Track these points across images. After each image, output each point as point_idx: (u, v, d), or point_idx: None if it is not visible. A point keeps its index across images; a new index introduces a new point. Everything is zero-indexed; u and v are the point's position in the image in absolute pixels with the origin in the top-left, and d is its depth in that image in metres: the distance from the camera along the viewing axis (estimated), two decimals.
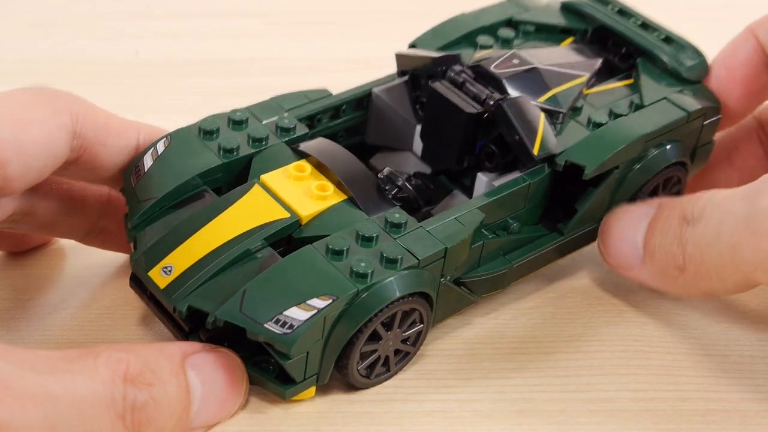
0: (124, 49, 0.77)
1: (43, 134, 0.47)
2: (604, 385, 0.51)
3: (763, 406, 0.50)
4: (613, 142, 0.53)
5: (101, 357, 0.42)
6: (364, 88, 0.57)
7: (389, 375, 0.50)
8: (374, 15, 0.84)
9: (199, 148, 0.51)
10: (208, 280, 0.46)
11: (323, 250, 0.46)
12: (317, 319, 0.44)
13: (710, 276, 0.49)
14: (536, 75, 0.55)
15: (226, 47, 0.78)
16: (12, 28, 0.79)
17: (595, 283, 0.57)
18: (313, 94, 0.56)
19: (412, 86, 0.57)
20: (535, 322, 0.55)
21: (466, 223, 0.49)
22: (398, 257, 0.46)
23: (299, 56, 0.78)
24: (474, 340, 0.53)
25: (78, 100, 0.50)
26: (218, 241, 0.47)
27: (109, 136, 0.50)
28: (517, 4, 0.63)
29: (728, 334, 0.55)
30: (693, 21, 0.60)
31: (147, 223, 0.49)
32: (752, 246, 0.47)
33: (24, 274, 0.56)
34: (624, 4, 0.62)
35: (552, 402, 0.50)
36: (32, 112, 0.47)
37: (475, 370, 0.52)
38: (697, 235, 0.49)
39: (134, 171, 0.51)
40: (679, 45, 0.59)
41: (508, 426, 0.49)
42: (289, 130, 0.53)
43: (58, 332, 0.52)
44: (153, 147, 0.51)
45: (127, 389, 0.41)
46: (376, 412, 0.49)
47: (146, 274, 0.47)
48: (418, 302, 0.48)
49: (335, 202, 0.49)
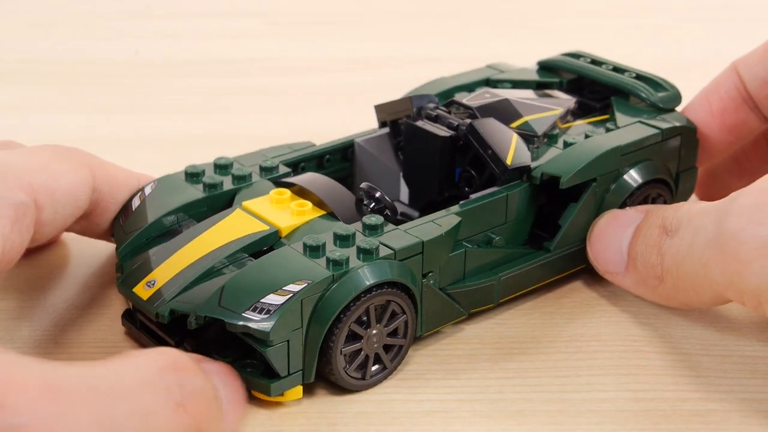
0: (124, 49, 0.77)
1: (69, 184, 0.49)
2: (604, 385, 0.51)
3: (763, 406, 0.50)
4: (588, 153, 0.55)
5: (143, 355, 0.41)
6: (346, 139, 0.59)
7: (387, 372, 0.50)
8: (374, 15, 0.84)
9: (183, 187, 0.54)
10: (189, 287, 0.47)
11: (300, 248, 0.48)
12: (293, 302, 0.45)
13: (687, 289, 0.50)
14: (508, 105, 0.57)
15: (226, 47, 0.78)
16: (12, 28, 0.79)
17: (595, 283, 0.57)
18: (297, 145, 0.58)
19: (393, 134, 0.59)
20: (535, 322, 0.55)
21: (443, 224, 0.50)
22: (374, 247, 0.47)
23: (299, 56, 0.78)
24: (474, 340, 0.53)
25: (91, 156, 0.53)
26: (199, 254, 0.49)
27: (118, 190, 0.53)
28: (495, 69, 0.66)
29: (728, 334, 0.55)
30: (693, 21, 0.60)
31: (133, 253, 0.51)
32: (721, 267, 0.47)
33: (23, 273, 0.56)
34: (595, 56, 0.65)
35: (552, 402, 0.50)
36: (59, 164, 0.50)
37: (475, 370, 0.52)
38: (674, 248, 0.50)
39: (123, 213, 0.53)
40: (651, 81, 0.61)
41: (508, 426, 0.49)
42: (272, 169, 0.55)
43: (59, 332, 0.52)
44: (141, 191, 0.54)
45: (181, 376, 0.40)
46: (376, 412, 0.49)
47: (131, 290, 0.48)
48: (394, 294, 0.48)
49: (314, 217, 0.51)
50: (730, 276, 0.46)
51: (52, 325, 0.53)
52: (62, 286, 0.55)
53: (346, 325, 0.47)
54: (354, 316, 0.47)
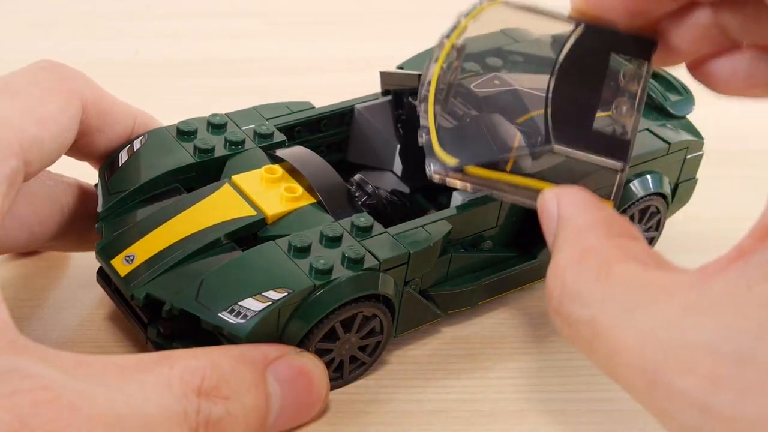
0: (124, 49, 0.77)
1: (58, 128, 0.47)
2: (604, 385, 0.51)
3: None
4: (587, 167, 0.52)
5: (176, 368, 0.40)
6: (347, 103, 0.57)
7: (342, 382, 0.50)
8: (374, 15, 0.84)
9: (174, 147, 0.52)
10: (168, 270, 0.46)
11: (285, 247, 0.46)
12: (271, 310, 0.44)
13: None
14: (516, 97, 0.54)
15: (226, 47, 0.78)
16: (12, 28, 0.79)
17: None
18: (294, 105, 0.57)
19: (395, 105, 0.58)
20: (535, 322, 0.55)
21: (433, 233, 0.49)
22: (360, 257, 0.46)
23: (299, 56, 0.78)
24: (474, 340, 0.53)
25: (87, 84, 0.50)
26: (182, 234, 0.47)
27: (107, 123, 0.50)
28: (509, 35, 0.63)
29: None
30: None
31: (115, 216, 0.49)
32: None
33: (23, 274, 0.56)
34: None
35: (552, 402, 0.50)
36: (49, 104, 0.47)
37: (475, 370, 0.52)
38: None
39: (109, 166, 0.51)
40: (667, 81, 0.59)
41: (508, 426, 0.49)
42: (266, 136, 0.53)
43: (59, 332, 0.52)
44: (130, 144, 0.52)
45: (201, 403, 0.40)
46: (376, 412, 0.49)
47: (108, 263, 0.47)
48: (377, 308, 0.48)
49: (303, 205, 0.50)
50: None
51: (52, 325, 0.53)
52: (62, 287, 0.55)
53: (321, 333, 0.46)
54: (330, 326, 0.46)
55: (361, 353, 0.49)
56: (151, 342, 0.48)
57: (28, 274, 0.56)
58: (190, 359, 0.41)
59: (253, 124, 0.54)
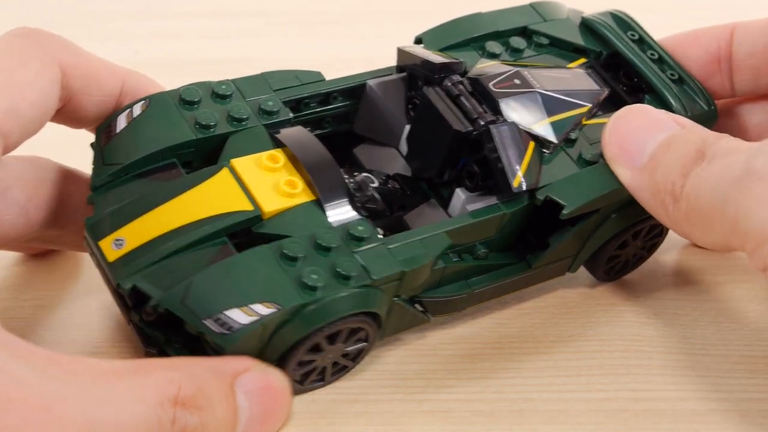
0: (124, 49, 0.77)
1: (36, 94, 0.45)
2: (604, 385, 0.51)
3: (763, 406, 0.50)
4: (598, 186, 0.51)
5: (151, 377, 0.40)
6: (359, 78, 0.55)
7: (322, 384, 0.49)
8: (374, 15, 0.84)
9: (175, 118, 0.50)
10: (157, 262, 0.45)
11: (277, 254, 0.45)
12: (257, 326, 0.43)
13: (696, 222, 0.46)
14: (535, 99, 0.53)
15: (226, 47, 0.78)
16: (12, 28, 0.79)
17: (595, 283, 0.57)
18: (305, 75, 0.54)
19: (408, 85, 0.55)
20: (535, 322, 0.55)
21: (430, 248, 0.47)
22: (352, 274, 0.45)
23: (299, 56, 0.78)
24: (474, 340, 0.53)
25: (66, 47, 0.48)
26: (175, 223, 0.46)
27: (93, 85, 0.49)
28: (538, 11, 0.60)
29: (728, 334, 0.54)
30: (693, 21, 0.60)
31: (108, 188, 0.48)
32: (736, 204, 0.44)
33: (23, 273, 0.56)
34: (645, 33, 0.59)
35: (552, 402, 0.50)
36: (24, 70, 0.45)
37: (475, 370, 0.52)
38: (701, 176, 0.46)
39: (106, 129, 0.49)
40: (690, 88, 0.56)
41: (508, 426, 0.49)
42: (272, 113, 0.51)
43: (59, 332, 0.52)
44: (129, 108, 0.50)
45: (177, 413, 0.40)
46: (376, 412, 0.49)
47: (97, 243, 0.45)
48: (365, 322, 0.47)
49: (301, 202, 0.48)
50: (741, 214, 0.44)
51: (52, 325, 0.53)
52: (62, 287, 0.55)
53: (306, 347, 0.46)
54: (316, 340, 0.46)
55: (344, 359, 0.49)
56: (133, 325, 0.47)
57: (29, 275, 0.56)
58: (167, 369, 0.41)
59: (259, 95, 0.52)
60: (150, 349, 0.46)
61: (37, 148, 0.51)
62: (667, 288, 0.58)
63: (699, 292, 0.57)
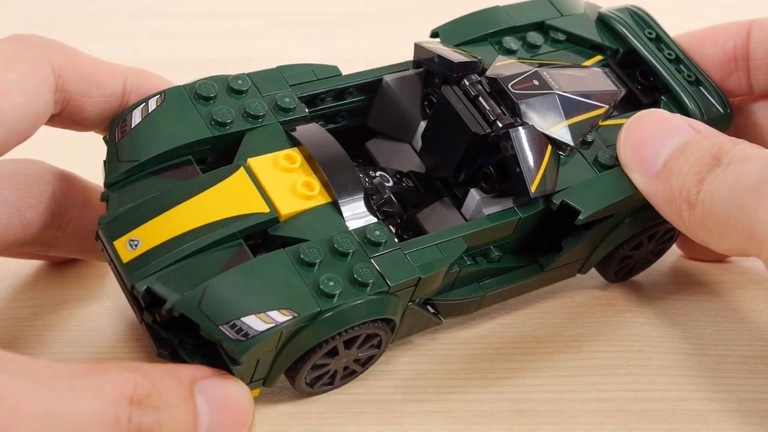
0: (124, 49, 0.77)
1: (23, 97, 0.45)
2: (604, 385, 0.51)
3: (763, 406, 0.50)
4: (614, 191, 0.50)
5: (108, 376, 0.40)
6: (375, 73, 0.54)
7: (331, 388, 0.49)
8: (374, 15, 0.84)
9: (191, 114, 0.49)
10: (172, 264, 0.44)
11: (294, 258, 0.44)
12: (274, 332, 0.43)
13: (712, 228, 0.47)
14: (553, 101, 0.52)
15: (226, 47, 0.78)
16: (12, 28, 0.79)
17: (595, 283, 0.57)
18: (320, 70, 0.53)
19: (425, 81, 0.55)
20: (535, 322, 0.55)
21: (446, 254, 0.47)
22: (369, 281, 0.45)
23: (299, 56, 0.78)
24: (474, 340, 0.53)
25: (59, 49, 0.47)
26: (191, 225, 0.45)
27: (92, 87, 0.48)
28: (555, 5, 0.59)
29: (728, 334, 0.55)
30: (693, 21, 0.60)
31: (123, 185, 0.47)
32: (751, 211, 0.44)
33: (23, 274, 0.56)
34: (663, 32, 0.58)
35: (552, 402, 0.50)
36: (10, 72, 0.45)
37: (475, 370, 0.52)
38: (716, 183, 0.46)
39: (120, 124, 0.48)
40: (707, 90, 0.56)
41: (508, 426, 0.49)
42: (288, 110, 0.50)
43: (59, 332, 0.52)
44: (145, 103, 0.49)
45: (132, 411, 0.39)
46: (376, 412, 0.49)
47: (111, 243, 0.45)
48: (381, 328, 0.47)
49: (317, 204, 0.47)
50: (758, 221, 0.44)
51: (52, 325, 0.53)
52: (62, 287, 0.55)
53: (323, 352, 0.46)
54: (332, 346, 0.46)
55: (354, 363, 0.49)
56: (145, 325, 0.46)
57: (30, 274, 0.56)
58: (123, 370, 0.40)
59: (275, 90, 0.51)
60: (162, 350, 0.46)
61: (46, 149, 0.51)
62: (668, 288, 0.58)
63: (699, 292, 0.57)
